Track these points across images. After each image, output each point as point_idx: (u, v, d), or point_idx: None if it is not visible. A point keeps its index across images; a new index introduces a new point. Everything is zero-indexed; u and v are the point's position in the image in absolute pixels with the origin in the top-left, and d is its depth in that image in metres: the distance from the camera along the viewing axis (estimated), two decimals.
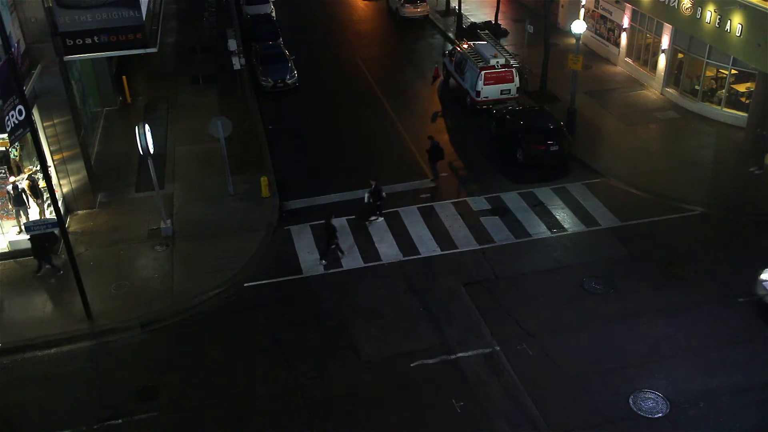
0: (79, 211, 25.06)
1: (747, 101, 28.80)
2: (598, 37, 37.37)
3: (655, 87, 32.89)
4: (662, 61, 32.08)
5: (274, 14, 43.52)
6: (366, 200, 24.16)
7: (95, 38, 22.93)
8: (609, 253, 22.69)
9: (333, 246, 22.65)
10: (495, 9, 40.85)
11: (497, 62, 30.57)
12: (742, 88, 29.43)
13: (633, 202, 25.14)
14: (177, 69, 37.05)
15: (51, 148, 23.73)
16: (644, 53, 33.85)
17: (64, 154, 24.06)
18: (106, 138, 30.23)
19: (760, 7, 24.81)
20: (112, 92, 32.60)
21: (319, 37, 42.17)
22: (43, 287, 21.56)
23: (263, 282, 21.96)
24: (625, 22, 34.63)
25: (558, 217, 24.61)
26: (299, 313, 20.62)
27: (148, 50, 24.11)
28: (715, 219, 24.12)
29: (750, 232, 23.40)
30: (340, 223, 24.50)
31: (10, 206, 22.48)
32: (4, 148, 21.71)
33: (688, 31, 29.40)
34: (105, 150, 29.20)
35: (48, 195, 20.28)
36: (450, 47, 37.39)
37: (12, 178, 22.25)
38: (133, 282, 21.80)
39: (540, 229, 23.96)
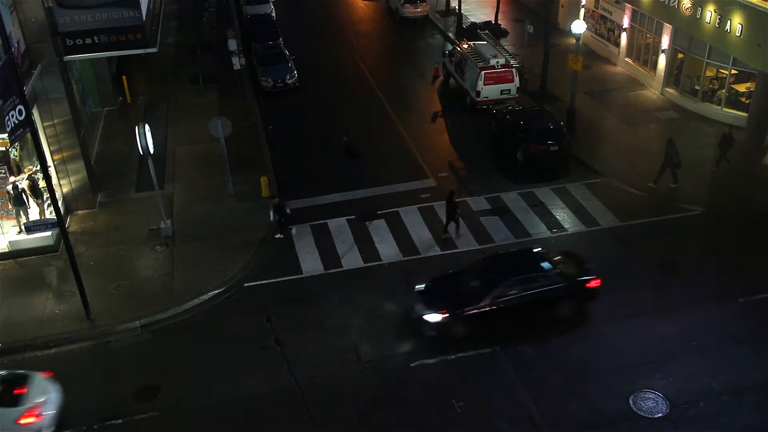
0: (79, 211, 25.07)
1: (747, 101, 28.80)
2: (598, 37, 37.37)
3: (655, 87, 32.89)
4: (662, 61, 32.08)
5: (274, 14, 43.53)
6: (272, 218, 23.67)
7: (95, 38, 22.94)
8: (609, 253, 22.68)
9: (454, 223, 23.56)
10: (495, 9, 40.87)
11: (497, 62, 30.58)
12: (742, 88, 29.43)
13: (633, 202, 25.14)
14: (177, 69, 37.06)
15: (51, 148, 23.74)
16: (644, 53, 33.85)
17: (64, 154, 24.07)
18: (106, 138, 30.23)
19: (760, 7, 24.81)
20: (112, 92, 32.61)
21: (319, 37, 42.18)
22: (43, 287, 21.56)
23: (263, 282, 21.95)
24: (625, 22, 34.63)
25: (558, 217, 24.61)
26: (299, 313, 20.60)
27: (148, 50, 24.13)
28: (715, 219, 24.12)
29: (749, 232, 23.38)
30: (339, 223, 24.57)
31: (10, 206, 22.49)
32: (4, 148, 21.72)
33: (688, 31, 29.40)
34: (105, 150, 29.20)
35: (48, 195, 20.27)
36: (450, 47, 37.39)
37: (12, 178, 22.26)
38: (133, 282, 21.80)
39: (540, 229, 23.96)
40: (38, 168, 22.17)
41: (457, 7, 41.58)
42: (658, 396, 17.47)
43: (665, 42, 31.69)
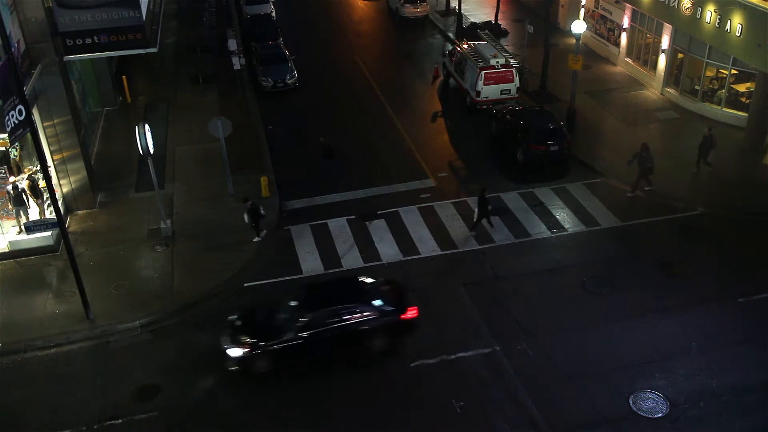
0: (79, 211, 25.07)
1: (747, 101, 28.80)
2: (598, 37, 37.37)
3: (655, 87, 32.89)
4: (662, 61, 32.08)
5: (274, 14, 43.54)
6: (246, 221, 23.21)
7: (95, 38, 22.93)
8: (609, 253, 22.69)
9: (484, 218, 23.66)
10: (495, 9, 40.87)
11: (497, 62, 30.57)
12: (742, 88, 29.43)
13: (633, 202, 25.14)
14: (177, 69, 37.06)
15: (51, 148, 23.74)
16: (644, 53, 33.85)
17: (64, 154, 24.07)
18: (106, 138, 30.23)
19: (760, 7, 24.81)
20: (112, 92, 32.61)
21: (319, 37, 42.18)
22: (43, 287, 21.56)
23: (263, 282, 21.94)
24: (625, 22, 34.63)
25: (558, 217, 24.61)
26: None
27: (148, 50, 24.12)
28: (715, 219, 24.12)
29: (749, 232, 23.39)
30: (339, 223, 24.56)
31: (10, 206, 22.49)
32: (4, 148, 21.72)
33: (688, 31, 29.40)
34: (105, 150, 29.20)
35: (48, 195, 20.28)
36: (450, 47, 37.39)
37: (12, 178, 22.26)
38: (133, 282, 21.80)
39: (540, 229, 23.96)
40: (38, 168, 22.17)
41: (457, 7, 41.57)
42: (658, 396, 17.47)
43: (665, 42, 31.69)
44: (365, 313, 18.56)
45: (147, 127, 21.95)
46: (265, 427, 17.13)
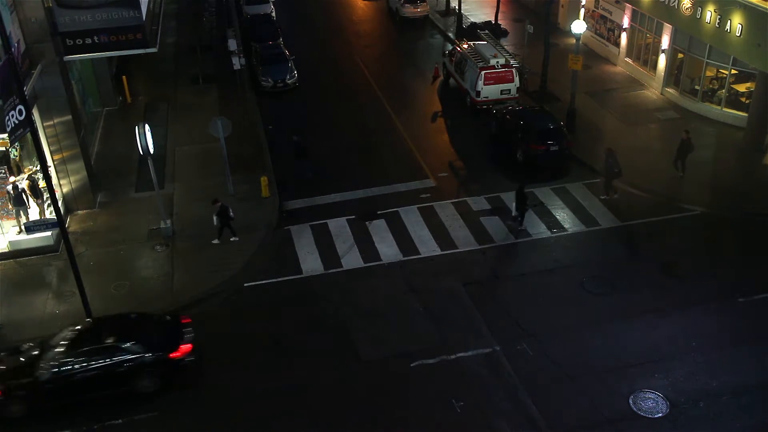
0: (79, 211, 25.07)
1: (747, 101, 28.80)
2: (598, 37, 37.37)
3: (655, 87, 32.89)
4: (662, 61, 32.08)
5: (274, 14, 43.54)
6: (215, 223, 22.98)
7: (95, 38, 22.96)
8: (609, 253, 22.69)
9: (523, 214, 23.63)
10: (495, 9, 40.86)
11: (497, 62, 30.57)
12: (742, 88, 29.43)
13: (633, 202, 25.15)
14: (177, 69, 37.07)
15: (51, 148, 23.75)
16: (644, 53, 33.86)
17: (64, 154, 24.07)
18: (106, 138, 30.23)
19: (760, 7, 24.83)
20: (112, 92, 32.60)
21: (319, 37, 42.18)
22: (43, 287, 21.56)
23: (263, 282, 21.95)
24: (625, 22, 34.63)
25: (558, 217, 24.61)
26: (299, 313, 20.61)
27: (148, 50, 24.14)
28: (715, 219, 24.13)
29: (750, 231, 23.40)
30: (339, 223, 24.56)
31: (10, 206, 22.50)
32: (4, 148, 21.72)
33: (688, 31, 29.41)
34: (105, 150, 29.20)
35: (48, 195, 20.27)
36: (450, 47, 37.38)
37: (12, 178, 22.26)
38: (133, 282, 21.80)
39: (540, 229, 23.96)
40: (38, 168, 22.18)
41: (457, 7, 41.57)
42: (658, 396, 17.47)
43: (665, 42, 31.68)
44: (126, 352, 17.52)
45: (147, 127, 21.95)
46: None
